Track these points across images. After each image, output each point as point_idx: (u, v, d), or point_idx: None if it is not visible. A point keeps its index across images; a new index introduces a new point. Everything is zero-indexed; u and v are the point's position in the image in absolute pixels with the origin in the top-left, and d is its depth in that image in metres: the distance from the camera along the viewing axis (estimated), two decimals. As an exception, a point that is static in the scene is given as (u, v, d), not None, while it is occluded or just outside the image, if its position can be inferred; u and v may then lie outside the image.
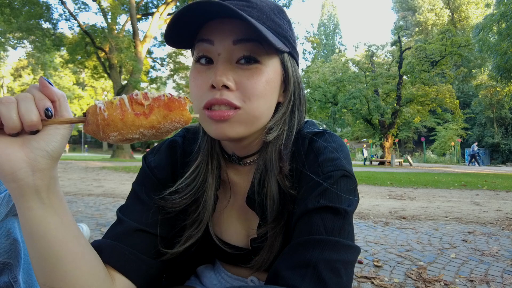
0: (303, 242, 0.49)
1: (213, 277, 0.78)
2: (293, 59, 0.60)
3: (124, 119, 0.44)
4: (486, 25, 15.98)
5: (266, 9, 0.55)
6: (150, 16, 21.18)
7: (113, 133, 0.44)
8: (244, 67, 0.53)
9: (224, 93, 0.52)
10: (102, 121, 0.44)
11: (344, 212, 0.51)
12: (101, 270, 0.51)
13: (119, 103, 0.45)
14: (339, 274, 0.46)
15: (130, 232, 0.58)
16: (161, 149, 0.68)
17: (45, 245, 0.44)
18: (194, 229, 0.64)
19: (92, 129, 0.44)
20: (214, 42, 0.53)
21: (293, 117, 0.62)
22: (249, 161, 0.64)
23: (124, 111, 0.44)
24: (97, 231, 2.48)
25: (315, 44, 25.07)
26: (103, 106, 0.44)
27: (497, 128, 28.54)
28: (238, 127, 0.54)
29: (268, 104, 0.56)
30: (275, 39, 0.53)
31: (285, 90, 0.61)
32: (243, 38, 0.52)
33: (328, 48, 55.01)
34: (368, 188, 6.25)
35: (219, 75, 0.52)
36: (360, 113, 20.75)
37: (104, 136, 0.44)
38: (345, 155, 0.58)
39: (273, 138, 0.59)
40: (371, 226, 2.87)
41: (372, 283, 1.60)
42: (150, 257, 0.59)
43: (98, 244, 0.56)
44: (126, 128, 0.44)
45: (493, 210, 3.85)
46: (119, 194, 4.62)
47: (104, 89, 45.98)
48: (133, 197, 0.64)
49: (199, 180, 0.63)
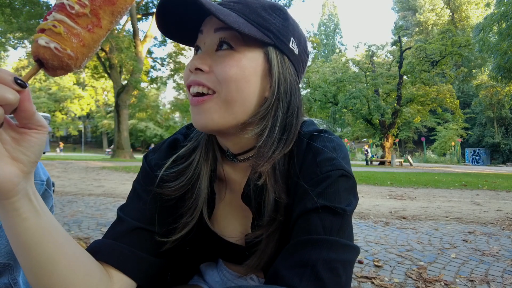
0: (302, 241, 0.49)
1: (215, 274, 0.79)
2: (282, 54, 0.59)
3: (85, 43, 0.40)
4: (487, 25, 15.96)
5: (253, 5, 0.57)
6: (150, 16, 21.22)
7: (83, 61, 0.41)
8: (220, 53, 0.56)
9: (199, 75, 0.56)
10: (71, 60, 0.40)
11: (342, 211, 0.51)
12: (96, 270, 0.50)
13: (66, 29, 0.39)
14: (337, 274, 0.46)
15: (130, 230, 0.58)
16: (162, 148, 0.69)
17: (41, 252, 0.43)
18: (189, 216, 0.64)
19: (61, 72, 0.41)
20: (203, 31, 0.58)
21: (277, 113, 0.59)
22: (244, 158, 0.64)
23: (78, 35, 0.40)
24: (98, 231, 2.48)
25: (316, 44, 25.03)
26: (57, 45, 0.39)
27: (498, 128, 28.52)
28: (213, 113, 0.55)
29: (243, 91, 0.55)
30: (250, 28, 0.53)
31: (270, 85, 0.60)
32: (221, 27, 0.55)
33: (329, 48, 55.00)
34: (368, 188, 6.25)
35: (195, 59, 0.56)
36: (360, 113, 20.75)
37: (77, 68, 0.42)
38: (343, 155, 0.58)
39: (255, 133, 0.58)
40: (371, 226, 2.87)
41: (372, 283, 1.60)
42: (150, 254, 0.59)
43: (97, 244, 0.56)
44: (91, 50, 0.41)
45: (494, 210, 3.85)
46: (120, 194, 4.62)
47: (104, 89, 46.04)
48: (133, 195, 0.64)
49: (193, 166, 0.64)
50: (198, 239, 0.68)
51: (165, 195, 0.62)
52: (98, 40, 0.41)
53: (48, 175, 0.87)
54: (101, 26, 0.41)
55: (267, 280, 0.50)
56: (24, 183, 0.41)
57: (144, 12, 22.23)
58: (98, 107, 47.77)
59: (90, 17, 0.40)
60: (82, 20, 0.40)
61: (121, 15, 0.43)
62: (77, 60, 0.40)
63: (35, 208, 0.42)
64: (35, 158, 0.41)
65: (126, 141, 20.39)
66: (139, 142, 47.24)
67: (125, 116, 20.37)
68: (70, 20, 0.39)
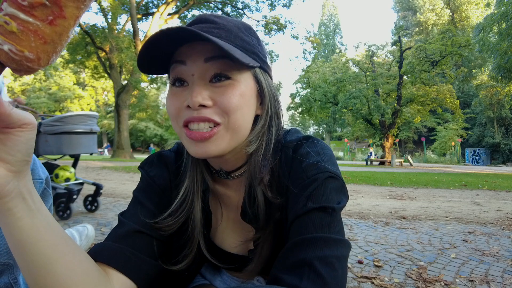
0: (295, 243, 0.50)
1: (218, 277, 0.81)
2: (265, 72, 0.63)
3: (47, 40, 0.34)
4: (487, 25, 15.95)
5: (233, 29, 0.58)
6: (150, 16, 21.18)
7: (50, 59, 0.35)
8: (217, 84, 0.55)
9: (202, 111, 0.54)
10: (31, 62, 0.34)
11: (331, 209, 0.52)
12: (94, 270, 0.50)
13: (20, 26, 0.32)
14: (334, 268, 0.47)
15: (131, 233, 0.59)
16: (154, 162, 0.71)
17: (37, 251, 0.43)
18: (187, 248, 0.67)
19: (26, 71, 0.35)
20: (186, 62, 0.55)
21: (271, 128, 0.64)
22: (237, 175, 0.66)
23: (36, 31, 0.33)
24: (98, 231, 2.48)
25: (316, 44, 24.96)
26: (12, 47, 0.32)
27: (498, 128, 28.50)
28: (221, 143, 0.56)
29: (246, 116, 0.58)
30: (243, 56, 0.55)
31: (262, 102, 0.63)
32: (213, 56, 0.54)
33: (329, 48, 54.98)
34: (368, 188, 6.25)
35: (194, 95, 0.53)
36: (360, 113, 20.74)
37: (43, 67, 0.36)
38: (328, 157, 0.60)
39: (254, 149, 0.61)
40: (371, 226, 2.87)
41: (372, 283, 1.60)
42: (151, 257, 0.60)
43: (98, 247, 0.57)
44: (57, 45, 0.35)
45: (494, 210, 3.85)
46: (120, 194, 4.62)
47: (104, 89, 46.00)
48: (134, 202, 0.66)
49: (189, 201, 0.65)
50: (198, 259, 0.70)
51: (162, 230, 0.63)
52: (64, 33, 0.35)
53: (47, 173, 0.87)
54: (65, 16, 0.34)
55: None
56: (16, 182, 0.40)
57: (144, 12, 22.23)
58: (98, 107, 47.69)
59: (49, 6, 0.33)
60: (40, 12, 0.33)
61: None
62: (39, 61, 0.34)
63: (30, 207, 0.42)
64: (23, 157, 0.40)
65: (126, 141, 20.38)
66: (139, 142, 47.17)
67: (125, 116, 20.36)
68: (23, 13, 0.32)
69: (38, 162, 0.91)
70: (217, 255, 0.71)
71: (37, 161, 0.91)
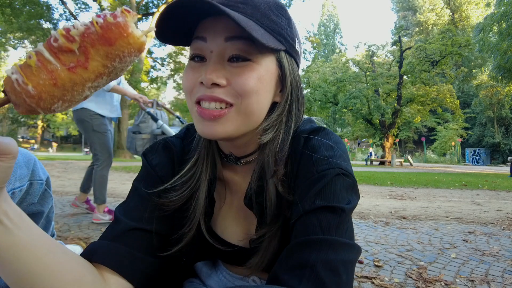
0: (300, 243, 0.48)
1: (214, 275, 0.78)
2: (291, 57, 0.59)
3: (58, 83, 0.33)
4: (487, 25, 15.93)
5: (261, 6, 0.54)
6: (150, 16, 21.18)
7: (54, 105, 0.34)
8: (235, 65, 0.53)
9: (215, 90, 0.52)
10: (30, 99, 0.33)
11: (340, 210, 0.50)
12: (87, 274, 0.49)
13: (39, 62, 0.33)
14: (338, 273, 0.45)
15: (126, 231, 0.58)
16: (158, 149, 0.69)
17: (20, 266, 0.42)
18: (187, 226, 0.64)
19: (26, 109, 0.34)
20: (207, 39, 0.53)
21: (290, 118, 0.60)
22: (247, 161, 0.64)
23: (52, 71, 0.33)
24: (97, 231, 2.48)
25: (316, 44, 25.04)
26: (20, 77, 0.32)
27: (498, 128, 28.51)
28: (229, 126, 0.54)
29: (261, 102, 0.55)
30: (267, 37, 0.52)
31: (282, 89, 0.59)
32: (234, 36, 0.51)
33: (329, 48, 54.96)
34: (368, 188, 6.25)
35: (209, 73, 0.51)
36: (360, 113, 20.74)
37: (45, 111, 0.34)
38: (341, 152, 0.57)
39: (269, 139, 0.58)
40: (371, 226, 2.87)
41: (372, 283, 1.60)
42: (147, 255, 0.59)
43: (93, 246, 0.56)
44: (67, 93, 0.34)
45: (494, 210, 3.85)
46: (119, 194, 4.62)
47: (104, 89, 46.00)
48: (132, 194, 0.64)
49: (195, 178, 0.63)
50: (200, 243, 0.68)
51: (165, 205, 0.61)
52: (79, 83, 0.34)
53: (47, 174, 0.87)
54: (87, 68, 0.34)
55: (268, 284, 0.49)
56: None
57: (144, 12, 22.23)
58: (98, 107, 47.68)
59: (77, 54, 0.34)
60: (66, 57, 0.34)
61: (121, 60, 0.35)
62: (40, 100, 0.33)
63: (6, 227, 0.41)
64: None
65: (126, 141, 20.41)
66: (139, 142, 47.18)
67: (125, 116, 20.36)
68: (49, 53, 0.33)
69: (39, 163, 0.91)
70: (215, 244, 0.68)
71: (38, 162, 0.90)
